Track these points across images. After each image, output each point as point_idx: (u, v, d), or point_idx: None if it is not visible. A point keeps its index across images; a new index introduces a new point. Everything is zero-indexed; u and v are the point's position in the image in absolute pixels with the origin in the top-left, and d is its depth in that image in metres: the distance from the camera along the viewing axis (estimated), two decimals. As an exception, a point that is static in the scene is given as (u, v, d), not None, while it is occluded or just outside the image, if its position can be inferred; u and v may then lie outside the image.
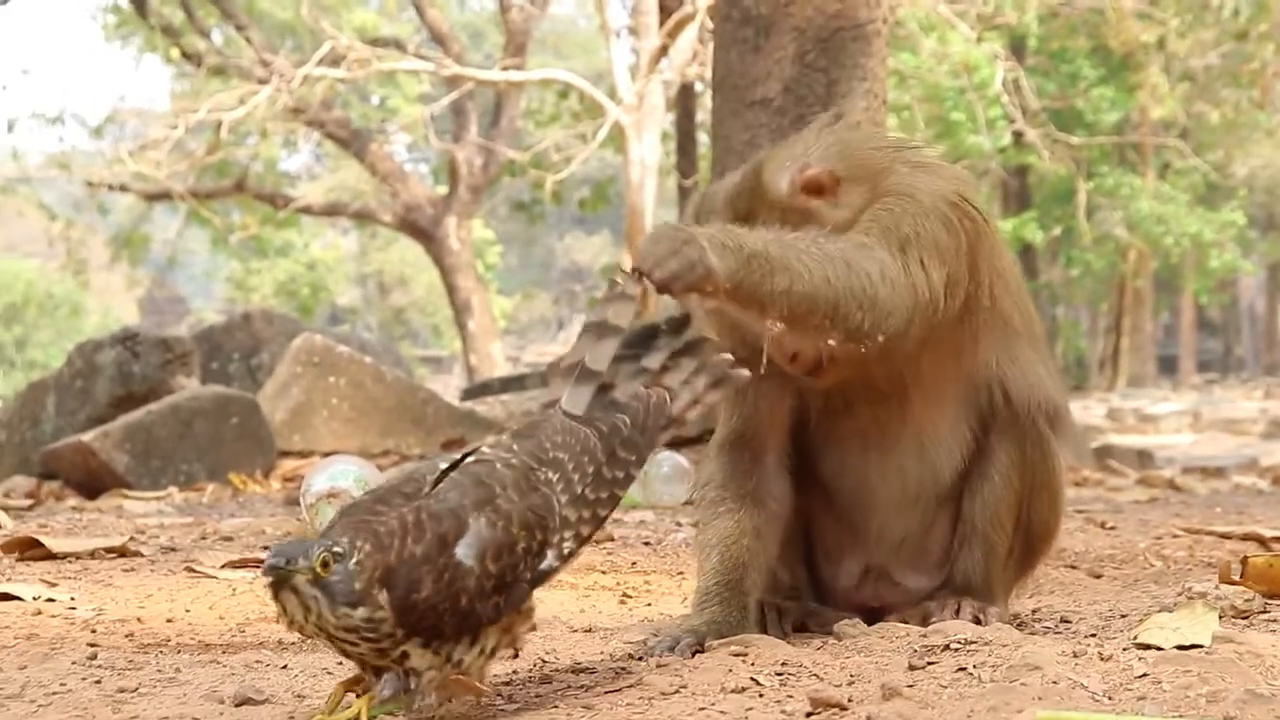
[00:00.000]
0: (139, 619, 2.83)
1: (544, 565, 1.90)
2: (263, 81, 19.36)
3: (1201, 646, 2.04)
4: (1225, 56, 23.17)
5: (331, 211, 25.77)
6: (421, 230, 22.55)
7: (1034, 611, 2.79)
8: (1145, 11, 18.75)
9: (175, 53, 21.81)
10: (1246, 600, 2.54)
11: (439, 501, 1.88)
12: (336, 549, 1.79)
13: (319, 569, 1.77)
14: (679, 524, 4.50)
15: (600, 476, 1.96)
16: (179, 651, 2.51)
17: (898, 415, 2.59)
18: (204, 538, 4.21)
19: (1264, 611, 2.47)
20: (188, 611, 2.93)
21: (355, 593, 1.78)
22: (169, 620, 2.84)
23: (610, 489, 1.97)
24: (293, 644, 2.56)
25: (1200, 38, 21.21)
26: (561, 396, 2.08)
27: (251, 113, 19.32)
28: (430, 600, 1.81)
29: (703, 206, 2.72)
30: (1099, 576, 3.35)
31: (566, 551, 1.92)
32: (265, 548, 3.84)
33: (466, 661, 1.87)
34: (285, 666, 2.29)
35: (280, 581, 1.78)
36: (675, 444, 6.68)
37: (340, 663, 2.07)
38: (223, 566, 3.47)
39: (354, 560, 1.79)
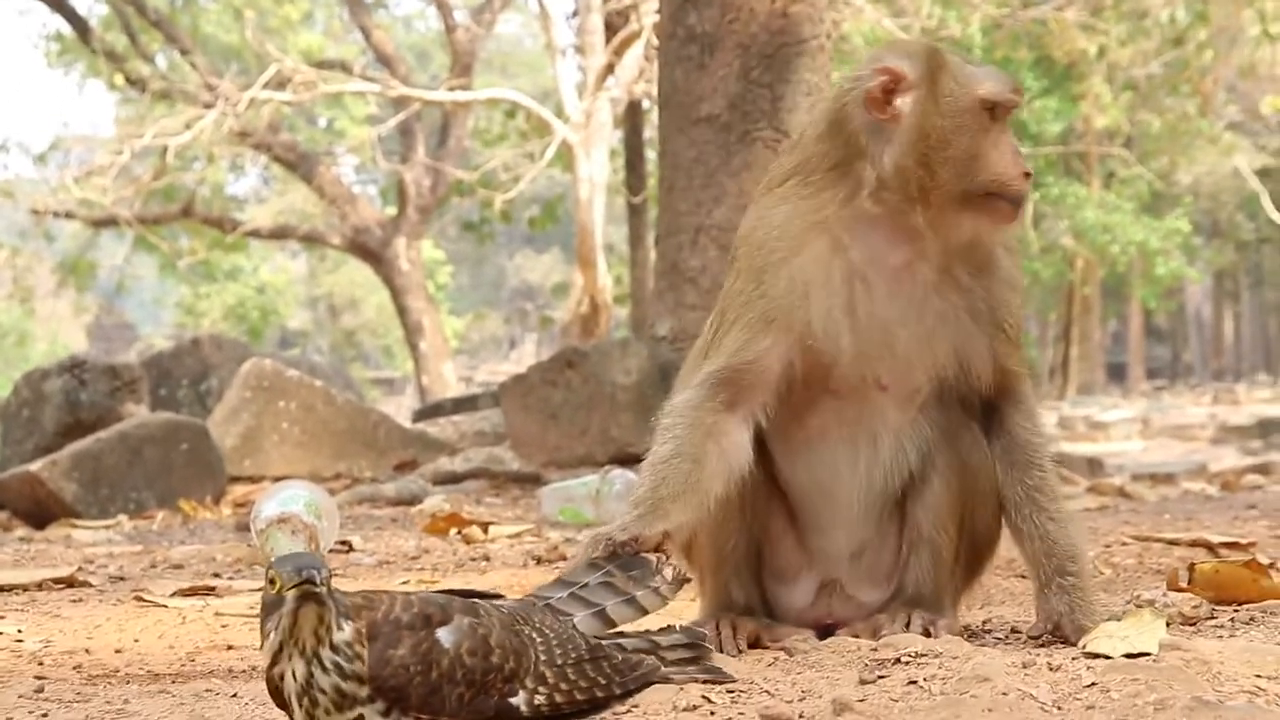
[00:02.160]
0: (87, 650, 2.81)
1: (513, 701, 1.86)
2: (208, 106, 19.29)
3: (1149, 654, 2.06)
4: (1166, 65, 23.38)
5: (280, 235, 25.68)
6: (371, 252, 22.50)
7: (984, 622, 2.80)
8: (1087, 22, 18.90)
9: (119, 78, 21.69)
10: (1194, 607, 2.56)
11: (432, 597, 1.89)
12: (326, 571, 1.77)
13: (329, 585, 1.76)
14: (632, 542, 4.48)
15: (581, 665, 1.92)
16: (128, 682, 2.49)
17: (868, 411, 2.59)
18: (154, 566, 4.17)
19: (1211, 618, 2.49)
20: (137, 641, 2.91)
21: (346, 609, 1.78)
22: (118, 650, 2.82)
23: (590, 683, 1.92)
24: (243, 672, 2.55)
25: (1141, 47, 21.40)
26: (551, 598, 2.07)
27: (197, 137, 19.25)
28: (404, 661, 1.79)
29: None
30: (1049, 586, 3.36)
31: (536, 703, 1.87)
32: (215, 575, 3.82)
33: None
34: (235, 695, 2.27)
35: (309, 595, 1.74)
36: (626, 461, 6.68)
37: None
38: (172, 595, 3.44)
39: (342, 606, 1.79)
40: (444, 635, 1.83)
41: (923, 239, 2.56)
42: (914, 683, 2.01)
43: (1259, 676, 1.91)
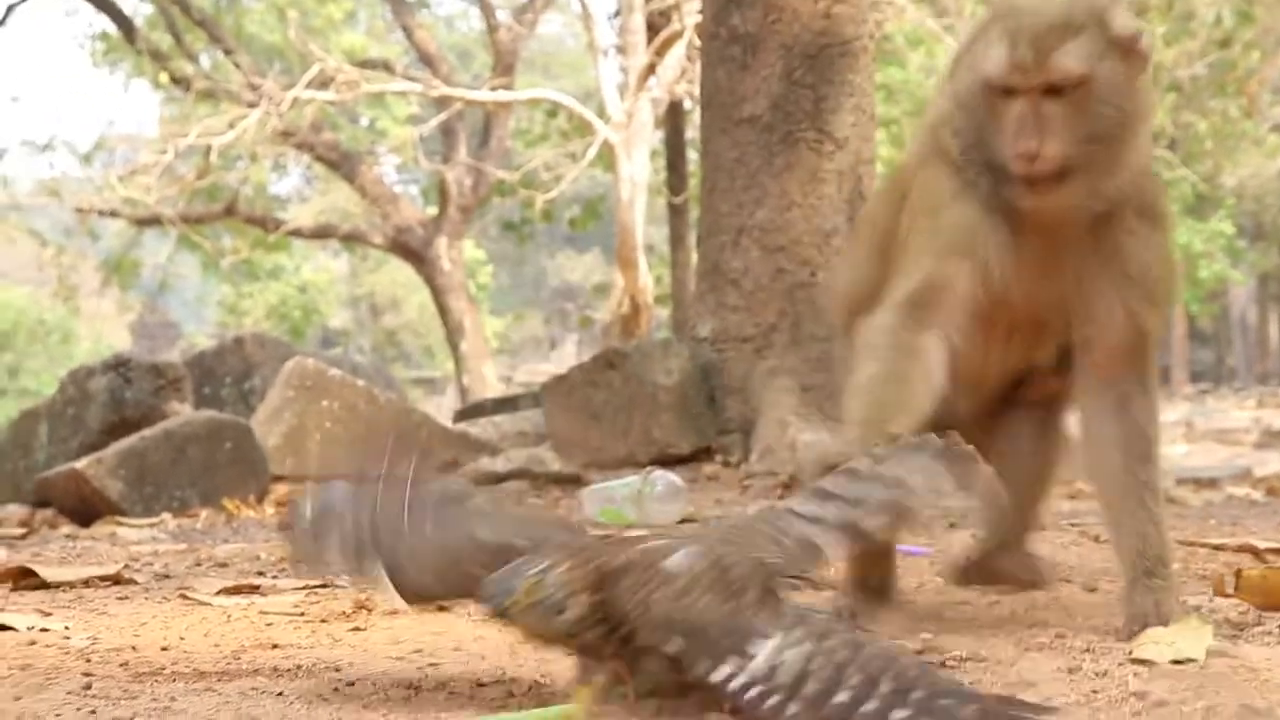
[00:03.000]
0: (134, 647, 2.82)
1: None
2: (252, 105, 19.37)
3: (1196, 661, 2.05)
4: (1211, 66, 23.24)
5: (322, 234, 25.76)
6: (412, 251, 22.54)
7: (1029, 627, 2.79)
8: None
9: (164, 78, 21.82)
10: (1241, 613, 2.55)
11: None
12: (540, 568, 1.89)
13: (526, 596, 1.88)
14: (673, 543, 4.48)
15: None
16: (174, 680, 2.51)
17: (1018, 351, 2.74)
18: (198, 564, 4.19)
19: (1259, 624, 2.48)
20: (182, 639, 2.92)
21: (561, 601, 1.87)
22: (164, 648, 2.83)
23: None
24: (288, 671, 2.56)
25: (1186, 48, 21.27)
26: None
27: (241, 136, 19.33)
28: (632, 590, 1.86)
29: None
30: (1093, 590, 3.34)
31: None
32: (259, 574, 3.84)
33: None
34: (280, 694, 2.28)
35: (501, 614, 1.92)
36: (667, 462, 6.69)
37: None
38: (217, 593, 3.46)
39: (554, 573, 1.89)
40: (670, 563, 1.89)
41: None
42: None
43: (1307, 684, 1.90)
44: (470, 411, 10.88)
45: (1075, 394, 2.69)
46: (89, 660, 2.70)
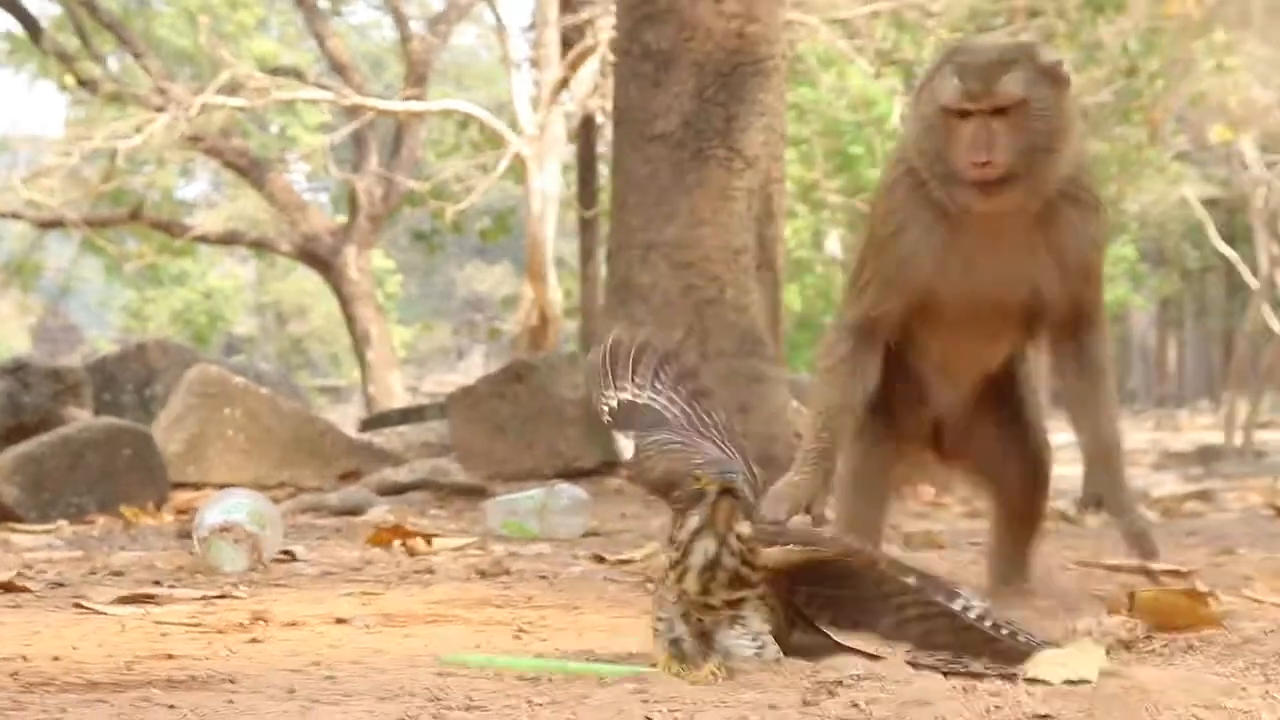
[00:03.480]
0: (24, 657, 2.78)
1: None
2: (160, 109, 19.16)
3: (1089, 681, 2.07)
4: (1117, 94, 23.55)
5: (229, 240, 25.52)
6: (320, 260, 22.39)
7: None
8: (1040, 49, 19.00)
9: (70, 79, 21.52)
10: (1134, 634, 2.58)
11: None
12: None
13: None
14: (576, 557, 4.48)
15: None
16: (65, 691, 2.47)
17: (972, 337, 3.37)
18: (93, 572, 4.13)
19: (1150, 646, 2.51)
20: (75, 649, 2.88)
21: (749, 507, 2.30)
22: (55, 658, 2.79)
23: None
24: (182, 682, 2.53)
25: (1092, 75, 21.55)
26: None
27: (148, 140, 19.12)
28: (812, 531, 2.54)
29: None
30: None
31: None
32: (156, 583, 3.79)
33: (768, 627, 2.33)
34: (173, 706, 2.25)
35: (728, 491, 2.23)
36: (572, 476, 6.68)
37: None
38: (112, 602, 3.41)
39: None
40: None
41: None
42: (855, 705, 2.02)
43: (1196, 705, 1.92)
44: (375, 421, 10.83)
45: (1046, 351, 3.35)
46: (-22, 669, 2.65)
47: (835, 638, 2.41)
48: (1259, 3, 21.34)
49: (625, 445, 2.72)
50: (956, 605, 2.24)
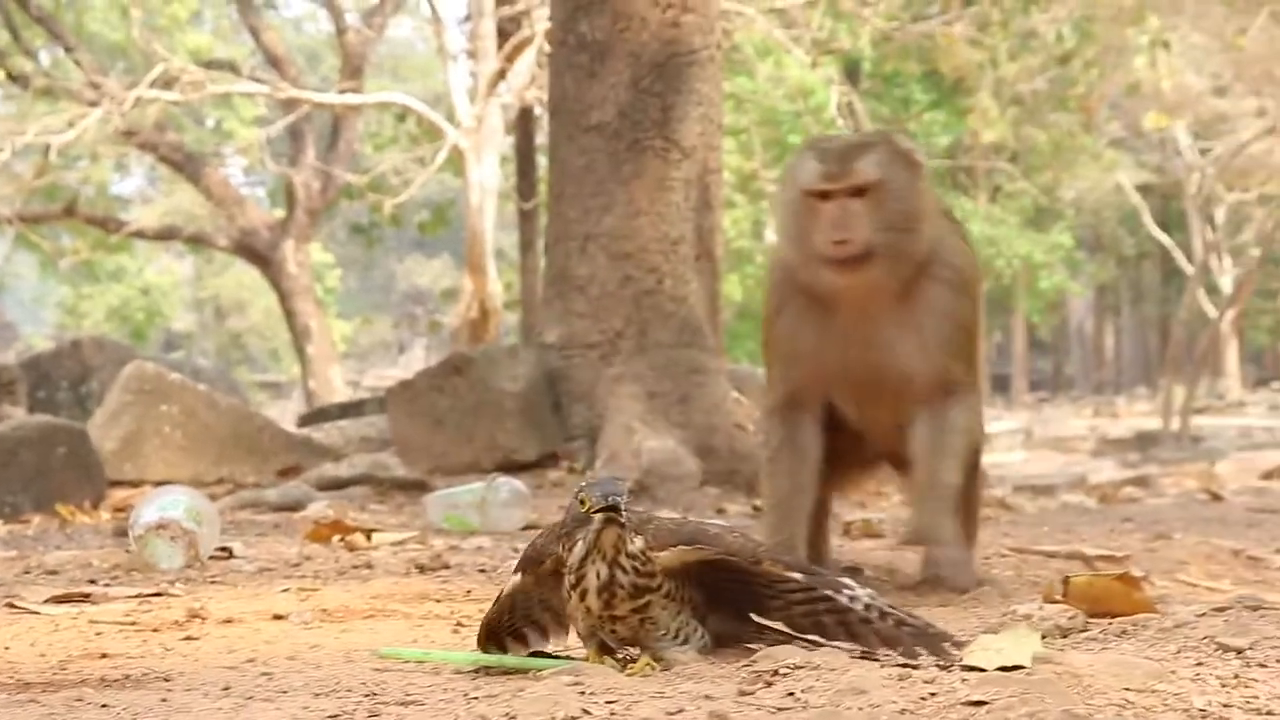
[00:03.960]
0: (-44, 658, 2.75)
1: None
2: (93, 104, 18.97)
3: (1023, 667, 2.08)
4: (1052, 82, 23.71)
5: (166, 236, 25.32)
6: (258, 254, 22.25)
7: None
8: (975, 37, 19.12)
9: (1, 74, 21.30)
10: (1069, 619, 2.59)
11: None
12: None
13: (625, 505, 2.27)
14: (516, 550, 4.47)
15: None
16: (-3, 691, 2.45)
17: (872, 410, 3.49)
18: (27, 571, 4.10)
19: (1085, 630, 2.53)
20: (7, 649, 2.85)
21: (633, 526, 2.30)
22: (-12, 659, 2.76)
23: None
24: (116, 681, 2.51)
25: (1028, 64, 21.69)
26: None
27: (81, 135, 18.93)
28: (726, 531, 2.42)
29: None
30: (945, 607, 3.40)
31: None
32: (91, 581, 3.76)
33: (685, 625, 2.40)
34: (106, 705, 2.24)
35: (613, 518, 2.25)
36: (512, 469, 6.67)
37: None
38: (46, 601, 3.38)
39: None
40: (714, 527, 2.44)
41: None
42: (791, 694, 2.02)
43: (1127, 689, 1.94)
44: (315, 416, 10.76)
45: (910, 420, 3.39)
46: (-92, 672, 2.62)
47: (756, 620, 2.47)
48: (1191, -10, 21.53)
49: None
50: (843, 597, 2.34)
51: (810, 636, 2.36)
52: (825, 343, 3.36)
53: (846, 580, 2.39)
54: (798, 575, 2.37)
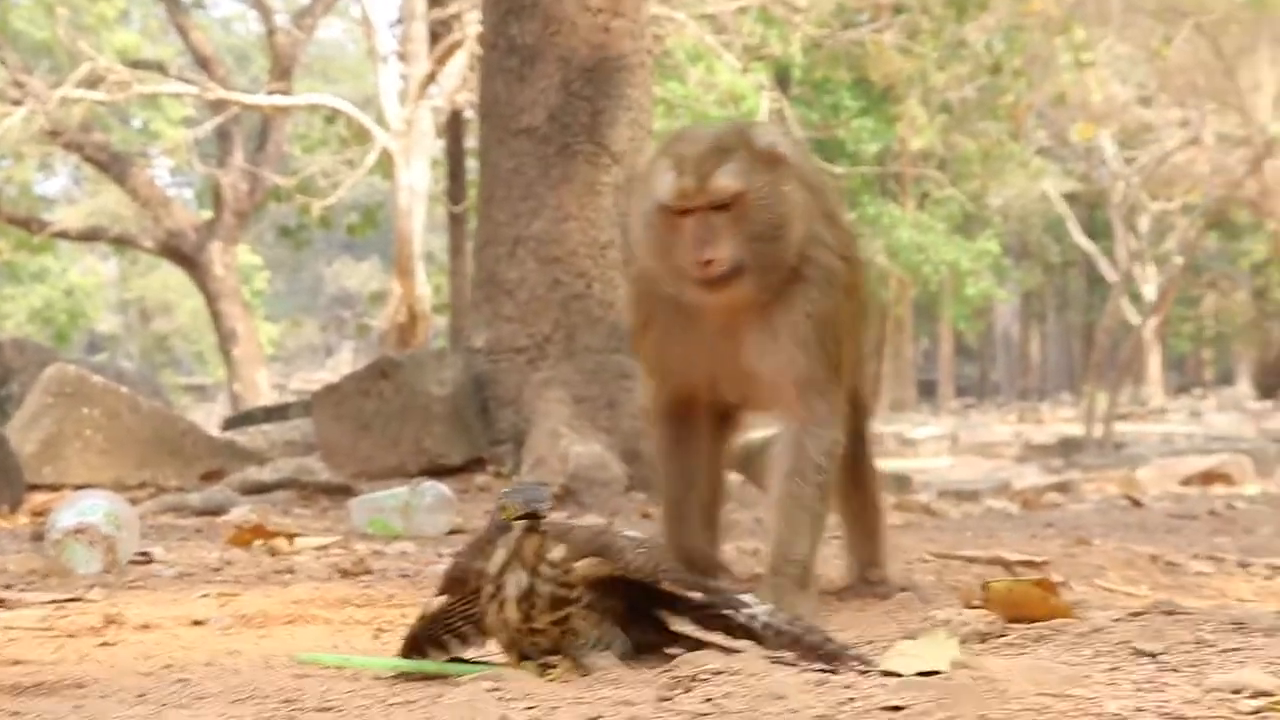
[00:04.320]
0: None
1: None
2: (17, 103, 18.78)
3: (941, 672, 2.09)
4: (981, 90, 23.90)
5: (90, 236, 25.10)
6: (185, 256, 22.10)
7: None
8: (905, 45, 19.25)
9: (-77, 72, 21.04)
10: (989, 624, 2.61)
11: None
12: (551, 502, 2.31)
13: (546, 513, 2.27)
14: (440, 555, 4.46)
15: None
16: (-93, 699, 2.41)
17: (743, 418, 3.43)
18: (-57, 576, 4.04)
19: (1003, 636, 2.54)
20: (-80, 655, 2.81)
21: (554, 534, 2.30)
22: (-101, 665, 2.72)
23: None
24: (30, 688, 2.48)
25: (957, 72, 21.85)
26: None
27: (5, 135, 18.74)
28: (632, 547, 2.37)
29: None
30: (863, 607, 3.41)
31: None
32: (7, 586, 3.71)
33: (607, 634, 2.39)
34: (17, 713, 2.21)
35: (532, 526, 2.25)
36: (438, 473, 6.65)
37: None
38: (-41, 607, 3.34)
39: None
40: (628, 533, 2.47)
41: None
42: (710, 700, 2.02)
43: (1043, 694, 1.95)
44: (239, 420, 10.69)
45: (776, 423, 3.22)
46: None
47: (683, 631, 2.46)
48: (1117, 1, 21.75)
49: None
50: (741, 615, 2.36)
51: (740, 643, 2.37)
52: (695, 352, 3.17)
53: (745, 597, 2.39)
54: (695, 595, 2.38)
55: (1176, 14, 21.54)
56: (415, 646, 2.53)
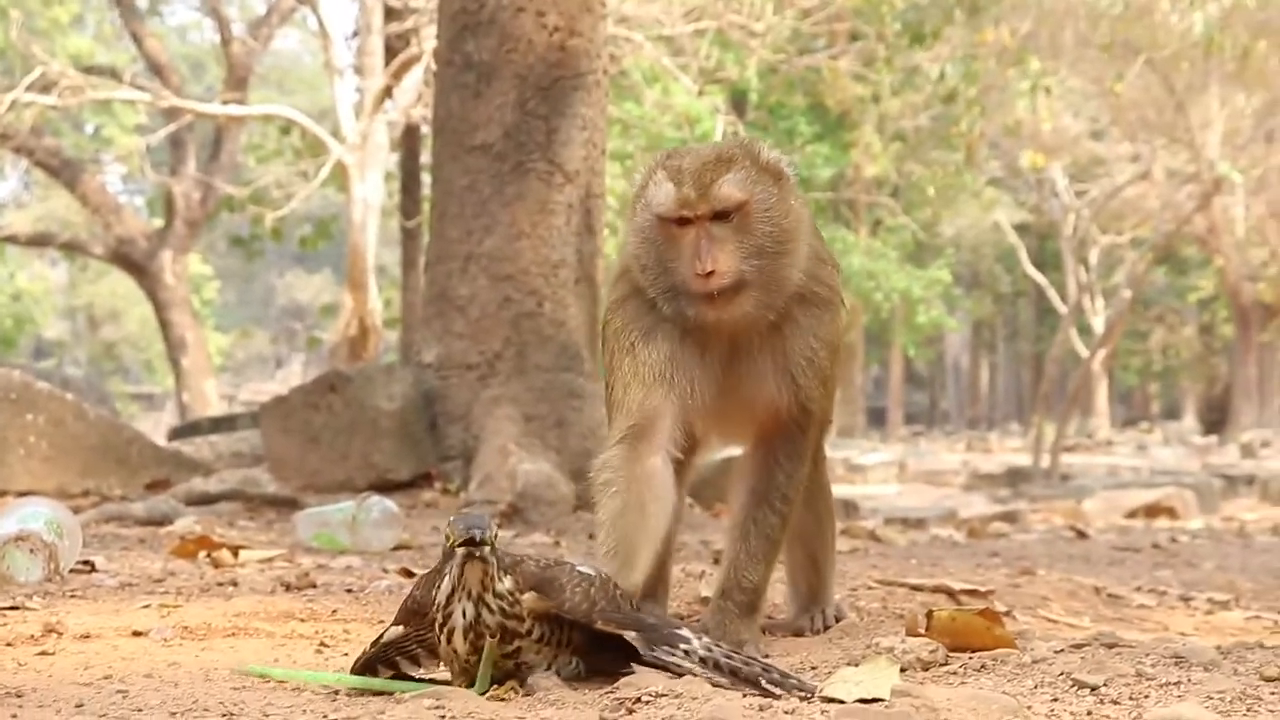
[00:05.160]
0: None
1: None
2: (-33, 105, 18.63)
3: (882, 700, 2.10)
4: (935, 119, 24.04)
5: (39, 242, 24.92)
6: (135, 264, 21.96)
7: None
8: (860, 73, 19.34)
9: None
10: (931, 653, 2.61)
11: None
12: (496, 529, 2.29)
13: (494, 542, 2.26)
14: (386, 570, 4.44)
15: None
16: None
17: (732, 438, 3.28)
18: (-120, 582, 3.99)
19: (946, 664, 2.55)
20: None
21: (504, 566, 2.29)
22: None
23: None
24: (-35, 697, 2.45)
25: (911, 100, 21.98)
26: None
27: (-45, 137, 18.60)
28: (572, 584, 2.36)
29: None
30: (799, 634, 3.41)
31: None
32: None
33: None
34: (-48, 722, 2.19)
35: (472, 554, 2.24)
36: (386, 488, 6.62)
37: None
38: (-105, 614, 3.30)
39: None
40: (583, 569, 2.43)
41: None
42: (652, 723, 2.02)
43: (983, 724, 1.96)
44: (186, 430, 10.63)
45: (745, 449, 3.14)
46: None
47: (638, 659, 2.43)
48: (1070, 34, 21.93)
49: None
50: (677, 654, 2.35)
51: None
52: (688, 373, 2.98)
53: (683, 633, 2.39)
54: (631, 634, 2.37)
55: (1129, 50, 21.73)
56: (368, 667, 2.52)
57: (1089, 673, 2.35)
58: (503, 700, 2.28)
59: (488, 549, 2.24)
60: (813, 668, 2.68)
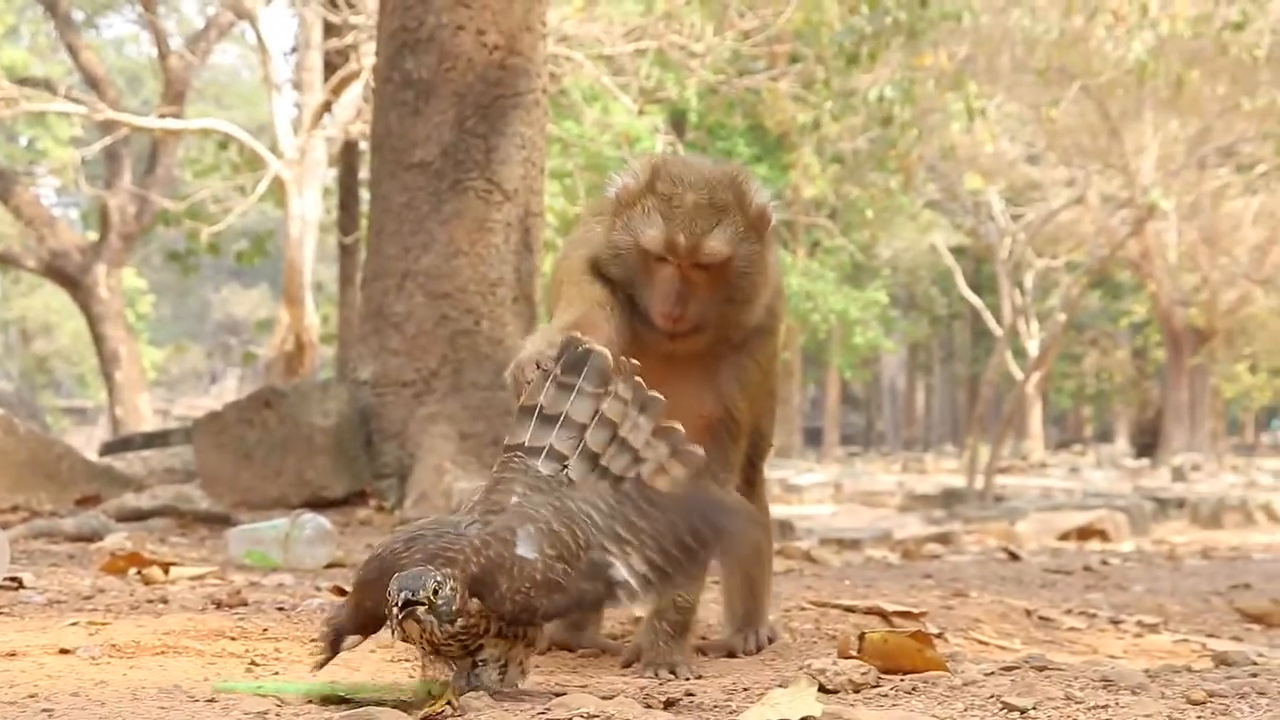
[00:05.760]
0: None
1: (615, 575, 2.32)
2: (-100, 115, 18.45)
3: (810, 721, 2.10)
4: (873, 141, 24.17)
5: (-29, 254, 24.65)
6: (68, 277, 21.78)
7: (661, 685, 2.82)
8: (799, 94, 19.43)
9: None
10: (863, 674, 2.62)
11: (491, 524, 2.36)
12: (439, 579, 2.20)
13: (433, 598, 2.19)
14: (318, 588, 4.41)
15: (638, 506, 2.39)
16: None
17: None
18: None
19: (877, 686, 2.56)
20: None
21: (454, 611, 2.22)
22: None
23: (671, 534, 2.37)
24: (-112, 716, 2.42)
25: (850, 122, 22.09)
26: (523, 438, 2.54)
27: (-113, 147, 18.39)
28: (511, 590, 2.27)
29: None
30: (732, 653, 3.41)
31: (638, 570, 2.32)
32: None
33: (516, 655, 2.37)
34: (-125, 741, 2.16)
35: (409, 614, 2.19)
36: (320, 505, 6.59)
37: None
38: None
39: (449, 585, 2.21)
40: (524, 551, 2.30)
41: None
42: (583, 745, 2.02)
43: (913, 747, 1.97)
44: (118, 445, 10.54)
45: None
46: None
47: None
48: (1006, 60, 22.12)
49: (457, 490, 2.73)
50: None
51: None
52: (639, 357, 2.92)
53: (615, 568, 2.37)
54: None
55: (1064, 76, 21.93)
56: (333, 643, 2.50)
57: (1018, 696, 2.36)
58: (438, 714, 2.27)
59: (422, 609, 2.19)
60: (745, 689, 2.68)
